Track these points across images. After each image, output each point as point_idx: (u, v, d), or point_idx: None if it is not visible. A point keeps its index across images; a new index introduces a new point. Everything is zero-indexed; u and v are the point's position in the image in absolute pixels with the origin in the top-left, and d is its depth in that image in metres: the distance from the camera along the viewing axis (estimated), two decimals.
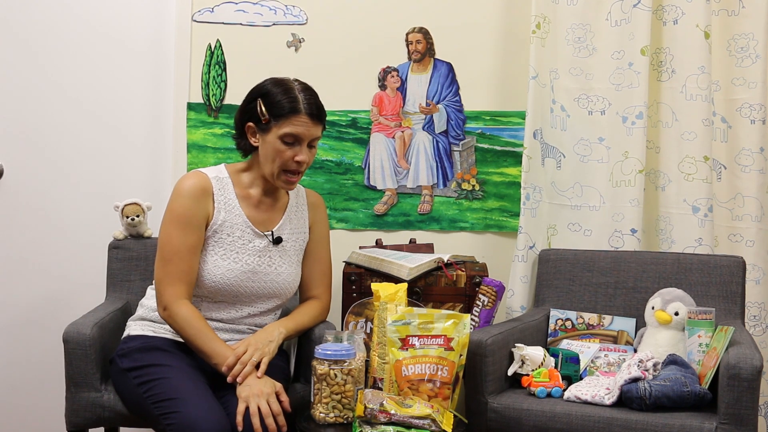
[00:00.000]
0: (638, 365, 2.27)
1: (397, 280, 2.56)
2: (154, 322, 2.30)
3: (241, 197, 2.31)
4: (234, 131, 2.37)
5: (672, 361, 2.32)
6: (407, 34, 3.04)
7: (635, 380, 2.24)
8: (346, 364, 2.12)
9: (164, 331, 2.28)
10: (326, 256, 2.48)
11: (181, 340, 2.27)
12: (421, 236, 3.04)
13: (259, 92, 2.28)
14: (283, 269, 2.34)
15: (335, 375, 2.11)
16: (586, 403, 2.27)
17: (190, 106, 3.04)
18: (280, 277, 2.34)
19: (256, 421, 2.01)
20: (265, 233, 2.33)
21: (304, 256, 2.43)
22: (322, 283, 2.46)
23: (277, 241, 2.34)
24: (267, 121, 2.24)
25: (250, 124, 2.28)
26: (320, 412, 2.12)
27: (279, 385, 2.12)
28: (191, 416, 2.00)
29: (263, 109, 2.24)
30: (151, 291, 2.38)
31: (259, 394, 2.06)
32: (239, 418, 2.02)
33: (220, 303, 2.28)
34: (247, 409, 2.05)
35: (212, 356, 2.16)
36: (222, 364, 2.14)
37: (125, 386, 2.23)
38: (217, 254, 2.26)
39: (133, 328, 2.34)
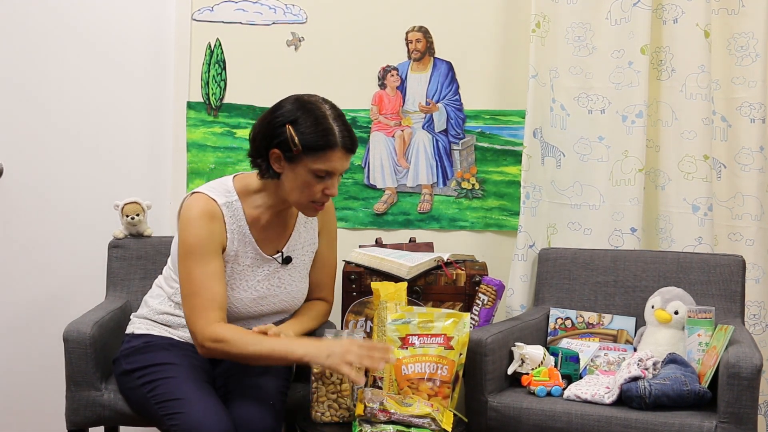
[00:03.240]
0: (638, 364, 2.27)
1: (396, 279, 2.56)
2: (158, 323, 2.29)
3: (251, 222, 2.20)
4: (250, 150, 2.17)
5: (672, 359, 2.32)
6: (407, 33, 3.03)
7: (635, 379, 2.24)
8: None
9: (168, 332, 2.27)
10: (334, 258, 2.43)
11: (184, 339, 2.26)
12: (421, 235, 3.04)
13: (287, 116, 2.08)
14: (292, 287, 2.29)
15: (330, 374, 2.11)
16: (585, 402, 2.27)
17: (190, 105, 3.04)
18: (290, 295, 2.29)
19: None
20: (275, 257, 2.25)
21: (312, 262, 2.37)
22: (329, 286, 2.42)
23: (287, 261, 2.26)
24: (298, 152, 2.06)
25: (276, 151, 2.08)
26: (317, 412, 2.13)
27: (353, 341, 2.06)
28: (195, 417, 1.99)
29: (295, 138, 2.05)
30: (157, 289, 2.35)
31: (341, 352, 2.00)
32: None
33: (230, 321, 2.26)
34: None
35: (288, 355, 2.05)
36: (295, 354, 2.03)
37: (129, 386, 2.23)
38: (228, 284, 2.19)
39: (137, 326, 2.31)
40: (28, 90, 3.01)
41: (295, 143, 2.06)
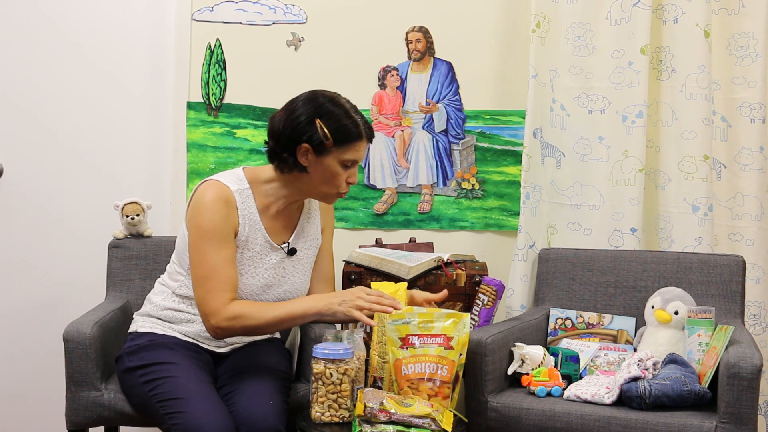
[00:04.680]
0: (638, 364, 2.27)
1: (397, 279, 2.56)
2: (162, 320, 2.30)
3: (261, 210, 2.25)
4: (275, 146, 2.21)
5: (672, 360, 2.32)
6: (407, 33, 3.04)
7: (635, 379, 2.24)
8: (342, 363, 2.12)
9: (171, 330, 2.28)
10: (332, 253, 2.49)
11: (188, 339, 2.26)
12: (421, 235, 3.04)
13: (313, 112, 2.16)
14: (296, 279, 2.32)
15: (331, 374, 2.12)
16: (585, 402, 2.27)
17: (190, 105, 3.04)
18: (293, 287, 2.31)
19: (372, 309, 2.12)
20: (282, 246, 2.29)
21: (317, 258, 2.40)
22: (333, 280, 2.48)
23: (292, 252, 2.30)
24: (330, 145, 2.15)
25: (306, 145, 2.15)
26: (316, 411, 2.13)
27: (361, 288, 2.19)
28: (196, 417, 2.00)
29: (328, 133, 2.14)
30: (160, 286, 2.35)
31: (352, 298, 2.12)
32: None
33: None
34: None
35: (307, 311, 2.14)
36: (312, 308, 2.13)
37: (131, 384, 2.23)
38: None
39: (141, 324, 2.31)
40: (29, 90, 3.01)
41: (329, 138, 2.15)
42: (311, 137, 2.15)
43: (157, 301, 2.32)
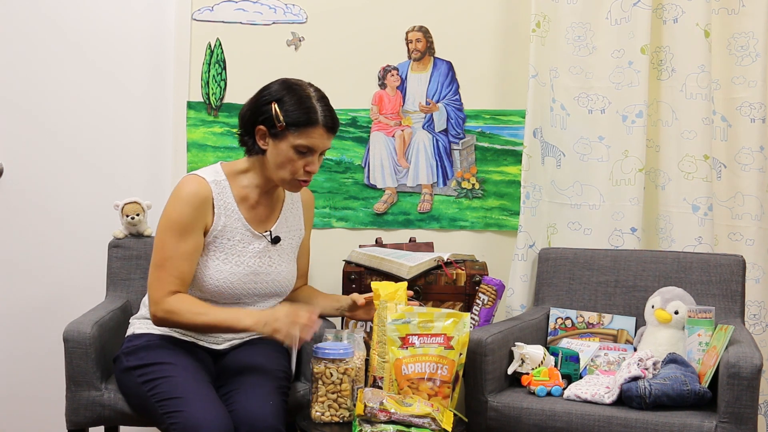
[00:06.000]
0: (638, 364, 2.27)
1: (396, 278, 2.56)
2: None
3: (239, 199, 2.29)
4: (239, 128, 2.32)
5: (672, 359, 2.32)
6: (407, 33, 3.04)
7: (635, 379, 2.24)
8: (342, 363, 2.12)
9: (169, 330, 2.28)
10: (309, 250, 2.55)
11: (185, 338, 2.27)
12: (421, 235, 3.04)
13: (273, 95, 2.23)
14: (282, 268, 2.35)
15: (331, 374, 2.12)
16: (585, 401, 2.27)
17: (190, 105, 3.04)
18: (281, 276, 2.34)
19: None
20: (264, 234, 2.32)
21: (299, 252, 2.45)
22: (307, 271, 2.56)
23: (276, 240, 2.34)
24: (282, 128, 2.21)
25: (262, 127, 2.23)
26: (316, 411, 2.13)
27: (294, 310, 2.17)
28: (195, 416, 2.00)
29: (279, 115, 2.20)
30: None
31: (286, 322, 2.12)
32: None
33: (223, 304, 2.28)
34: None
35: (235, 324, 2.18)
36: (241, 323, 2.15)
37: (129, 385, 2.23)
38: (219, 259, 2.25)
39: (138, 326, 2.33)
40: (29, 90, 3.01)
41: (279, 119, 2.20)
42: (265, 120, 2.22)
43: None
